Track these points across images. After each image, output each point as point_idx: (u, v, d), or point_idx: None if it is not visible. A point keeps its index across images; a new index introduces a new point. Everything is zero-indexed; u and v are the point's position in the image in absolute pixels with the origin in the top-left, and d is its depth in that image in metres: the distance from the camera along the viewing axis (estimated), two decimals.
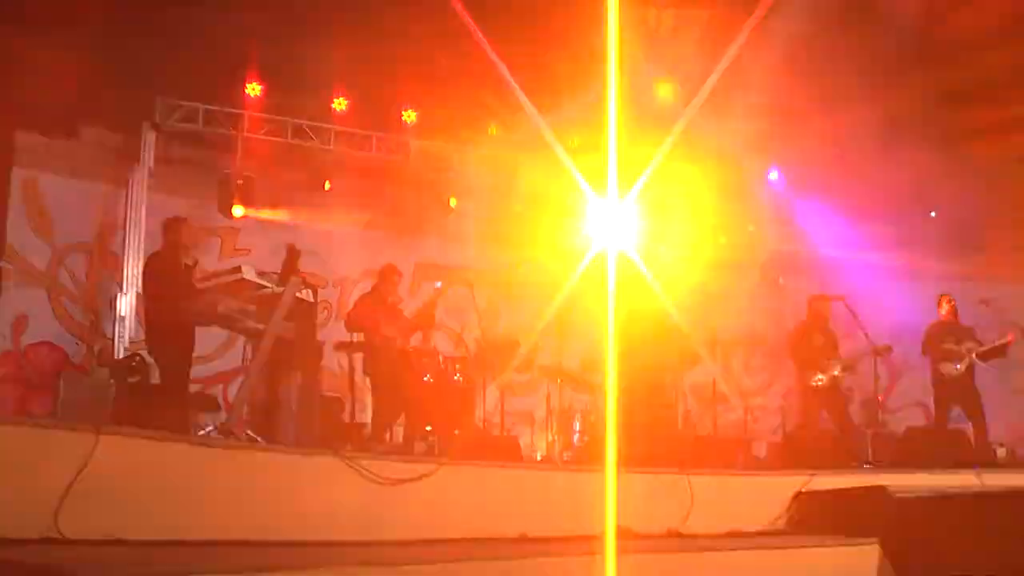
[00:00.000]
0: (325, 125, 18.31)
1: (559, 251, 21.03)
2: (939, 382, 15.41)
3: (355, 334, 14.71)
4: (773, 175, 21.87)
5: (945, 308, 15.70)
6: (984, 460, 13.90)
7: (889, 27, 16.29)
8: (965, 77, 17.35)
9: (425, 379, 14.71)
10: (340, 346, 16.23)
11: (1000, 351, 15.61)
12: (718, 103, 17.28)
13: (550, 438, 15.24)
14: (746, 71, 17.02)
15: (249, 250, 17.87)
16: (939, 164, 19.42)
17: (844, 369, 14.88)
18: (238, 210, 17.38)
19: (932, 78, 17.39)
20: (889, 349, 15.20)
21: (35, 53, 15.62)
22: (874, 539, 9.63)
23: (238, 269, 9.95)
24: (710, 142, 19.59)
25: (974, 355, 15.26)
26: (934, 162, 19.39)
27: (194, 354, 11.45)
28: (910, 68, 17.20)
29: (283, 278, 9.92)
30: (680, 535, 9.83)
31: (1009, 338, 15.52)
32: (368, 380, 14.19)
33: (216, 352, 16.48)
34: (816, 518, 10.60)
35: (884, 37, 16.52)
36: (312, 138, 18.20)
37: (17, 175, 16.56)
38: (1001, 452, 15.26)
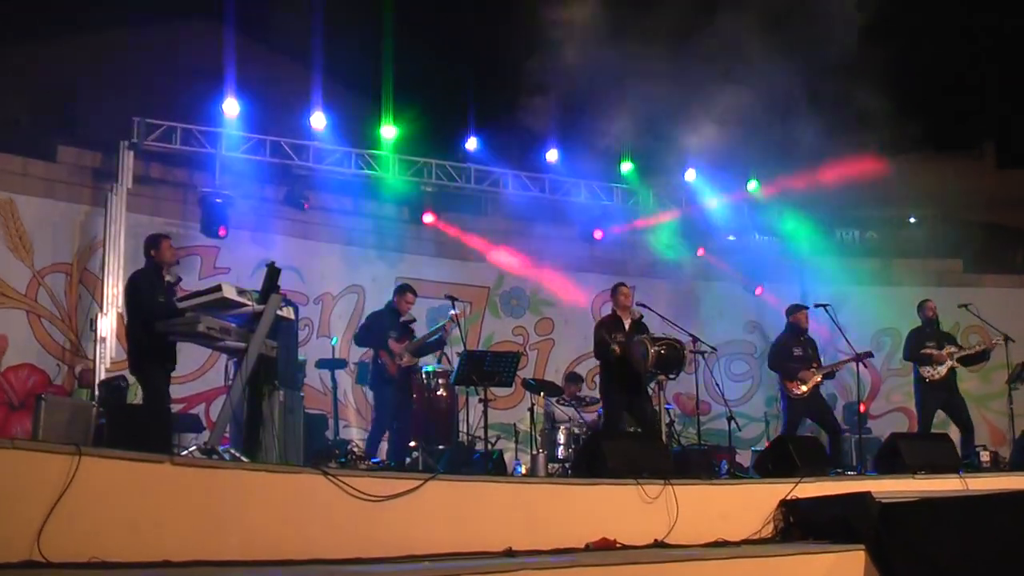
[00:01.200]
0: (303, 142, 18.31)
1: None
2: (923, 386, 15.43)
3: (365, 349, 14.69)
4: (752, 185, 21.96)
5: (927, 313, 15.72)
6: (969, 464, 13.95)
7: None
8: None
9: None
10: (323, 363, 16.22)
11: (982, 356, 15.64)
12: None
13: (534, 451, 15.22)
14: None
15: (229, 268, 17.86)
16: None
17: (826, 376, 14.89)
18: (218, 228, 17.34)
19: None
20: (870, 355, 15.23)
21: (10, 73, 15.61)
22: (860, 545, 9.64)
23: (218, 287, 9.89)
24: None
25: (955, 360, 15.30)
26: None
27: (175, 373, 11.39)
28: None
29: (264, 296, 9.87)
30: (666, 545, 9.82)
31: (990, 343, 15.55)
32: (372, 396, 14.15)
33: (198, 371, 16.46)
34: (801, 525, 10.60)
35: None
36: (291, 155, 18.19)
37: None
38: (985, 456, 15.27)
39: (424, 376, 14.69)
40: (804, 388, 14.60)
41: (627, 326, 13.79)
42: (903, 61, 18.26)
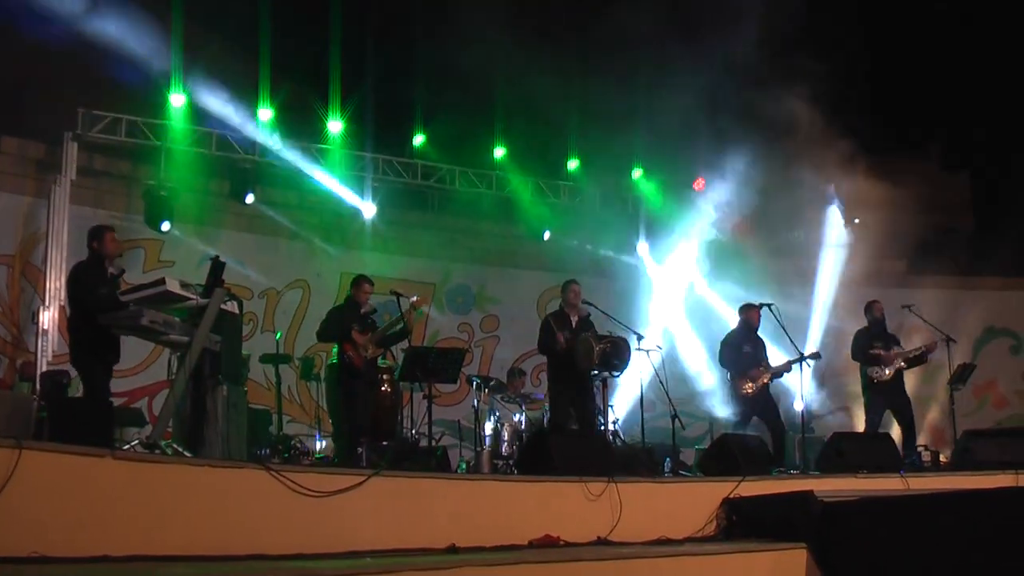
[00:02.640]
0: (249, 136, 18.22)
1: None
2: (869, 387, 15.51)
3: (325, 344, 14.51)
4: (698, 183, 22.06)
5: (875, 313, 15.80)
6: (910, 464, 14.05)
7: None
8: None
9: None
10: (267, 358, 16.14)
11: (920, 359, 15.72)
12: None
13: (478, 448, 15.22)
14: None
15: (173, 262, 17.74)
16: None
17: (774, 375, 14.95)
18: (162, 222, 17.25)
19: None
20: (817, 355, 15.28)
21: None
22: (802, 543, 9.69)
23: (162, 281, 9.82)
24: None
25: (901, 360, 15.38)
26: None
27: (118, 367, 11.30)
28: None
29: (208, 290, 9.81)
30: (609, 543, 9.84)
31: (932, 343, 15.66)
32: (339, 393, 13.87)
33: (140, 365, 16.34)
34: (744, 523, 10.65)
35: None
36: (237, 149, 18.10)
37: None
38: (926, 456, 15.39)
39: None
40: (753, 386, 14.67)
41: (574, 323, 13.83)
42: (849, 62, 18.40)
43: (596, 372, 13.62)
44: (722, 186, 21.41)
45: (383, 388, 14.52)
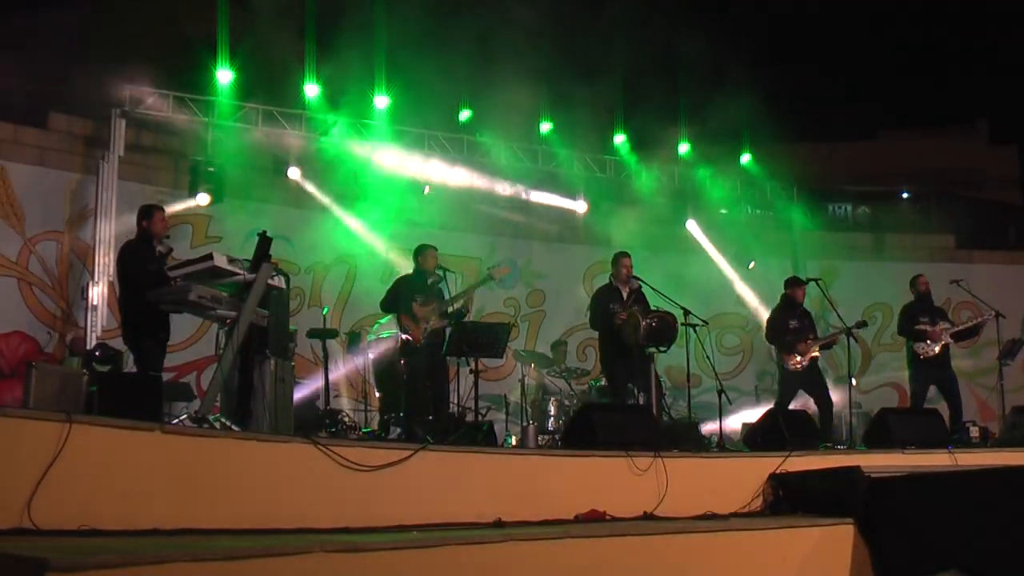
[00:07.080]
0: (296, 111, 18.26)
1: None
2: (917, 363, 15.44)
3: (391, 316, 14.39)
4: (746, 158, 22.00)
5: (920, 287, 15.70)
6: (958, 440, 13.98)
7: None
8: None
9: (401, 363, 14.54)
10: (314, 333, 16.19)
11: (973, 332, 15.65)
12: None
13: (524, 423, 15.22)
14: None
15: (220, 237, 17.80)
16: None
17: (822, 348, 14.91)
18: (208, 197, 17.32)
19: None
20: (863, 324, 15.24)
21: (2, 40, 15.54)
22: (849, 519, 9.67)
23: (209, 256, 9.88)
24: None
25: (948, 336, 15.29)
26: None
27: (167, 342, 11.38)
28: None
29: (255, 265, 9.84)
30: (655, 518, 9.84)
31: (982, 319, 15.56)
32: (404, 366, 13.74)
33: (189, 340, 16.44)
34: (791, 499, 10.64)
35: None
36: (283, 124, 18.14)
37: None
38: (974, 432, 15.30)
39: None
40: (802, 360, 14.64)
41: (625, 296, 13.80)
42: (897, 37, 18.30)
43: (643, 347, 13.59)
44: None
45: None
